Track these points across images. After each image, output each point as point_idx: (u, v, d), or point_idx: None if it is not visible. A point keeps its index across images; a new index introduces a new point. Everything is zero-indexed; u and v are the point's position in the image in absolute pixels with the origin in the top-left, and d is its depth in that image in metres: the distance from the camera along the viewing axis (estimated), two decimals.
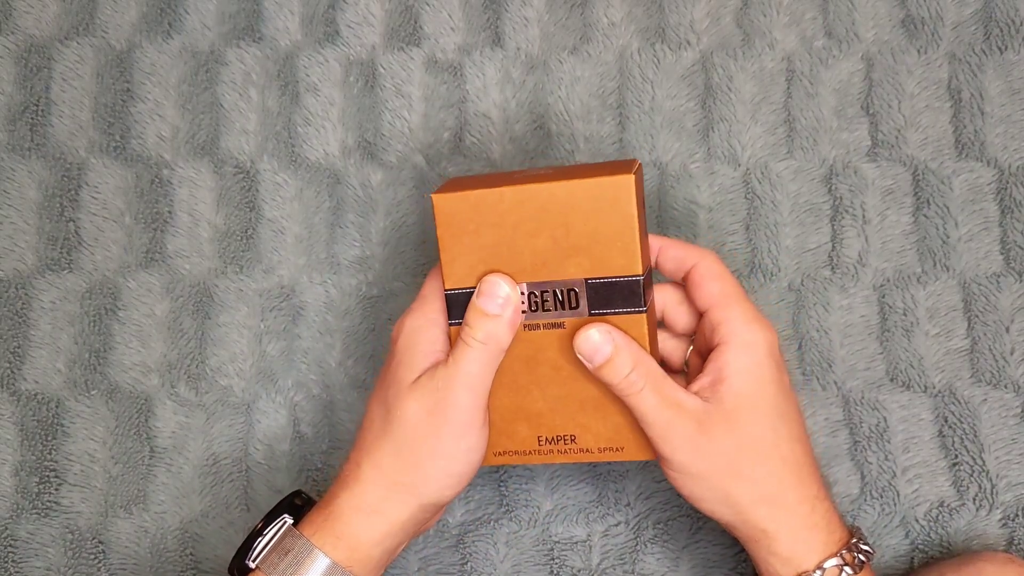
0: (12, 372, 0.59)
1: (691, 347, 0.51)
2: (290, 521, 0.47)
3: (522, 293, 0.46)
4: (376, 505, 0.46)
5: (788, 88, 0.61)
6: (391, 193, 0.61)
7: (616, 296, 0.46)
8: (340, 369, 0.59)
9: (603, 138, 0.61)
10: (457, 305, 0.47)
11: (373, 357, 0.59)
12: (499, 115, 0.61)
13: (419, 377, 0.47)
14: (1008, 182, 0.60)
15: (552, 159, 0.61)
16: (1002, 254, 0.59)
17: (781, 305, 0.59)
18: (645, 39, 0.62)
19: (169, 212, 0.61)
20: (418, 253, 0.60)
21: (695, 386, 0.47)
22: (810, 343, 0.59)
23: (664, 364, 0.51)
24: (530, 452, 0.49)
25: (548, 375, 0.47)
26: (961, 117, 0.61)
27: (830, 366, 0.58)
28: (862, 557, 0.46)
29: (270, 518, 0.48)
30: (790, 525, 0.45)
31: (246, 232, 0.61)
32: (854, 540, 0.46)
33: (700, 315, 0.49)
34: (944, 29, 0.61)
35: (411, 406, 0.46)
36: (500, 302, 0.46)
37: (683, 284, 0.49)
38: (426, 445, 0.46)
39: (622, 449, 0.48)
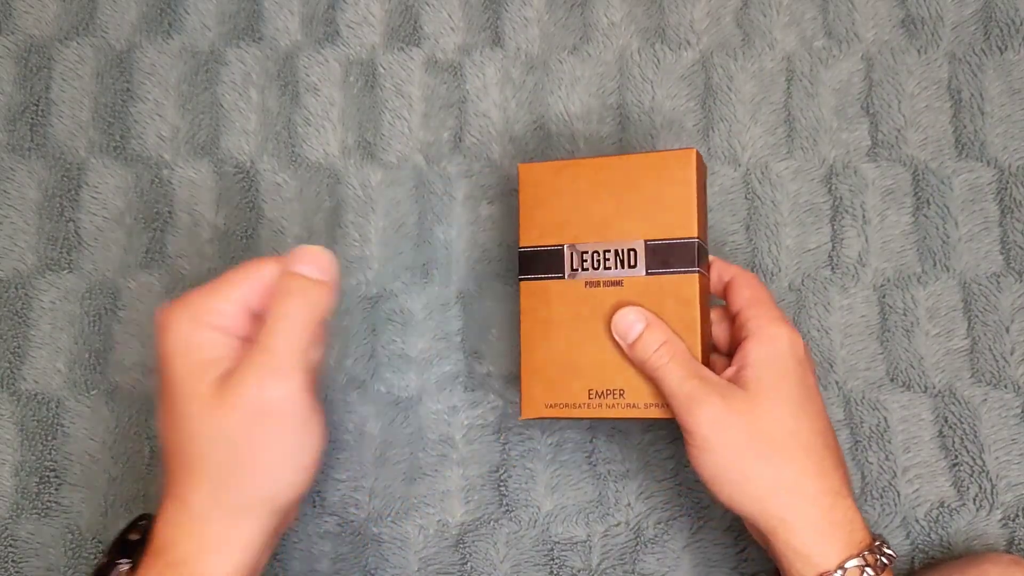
0: (12, 372, 0.59)
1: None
2: (126, 567, 0.43)
3: (586, 252, 0.51)
4: (223, 537, 0.41)
5: (788, 88, 0.61)
6: (391, 193, 0.61)
7: (672, 256, 0.50)
8: (339, 369, 0.59)
9: (603, 138, 0.61)
10: (530, 261, 0.52)
11: (373, 357, 0.59)
12: (499, 115, 0.61)
13: (221, 381, 0.41)
14: (1008, 182, 0.60)
15: (552, 159, 0.61)
16: (1002, 254, 0.59)
17: (781, 305, 0.59)
18: (645, 39, 0.62)
19: (169, 212, 0.61)
20: (418, 253, 0.60)
21: (722, 376, 0.48)
22: (811, 343, 0.59)
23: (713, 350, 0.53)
24: (580, 405, 0.51)
25: (603, 331, 0.50)
26: (961, 117, 0.61)
27: (831, 366, 0.58)
28: (884, 560, 0.45)
29: (108, 561, 0.43)
30: (809, 517, 0.45)
31: (246, 232, 0.61)
32: (877, 543, 0.45)
33: (734, 316, 0.50)
34: (944, 29, 0.61)
35: (225, 422, 0.40)
36: (322, 265, 0.43)
37: (723, 296, 0.51)
38: (260, 457, 0.41)
39: (666, 405, 0.50)
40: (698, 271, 0.49)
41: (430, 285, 0.60)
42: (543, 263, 0.52)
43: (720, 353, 0.52)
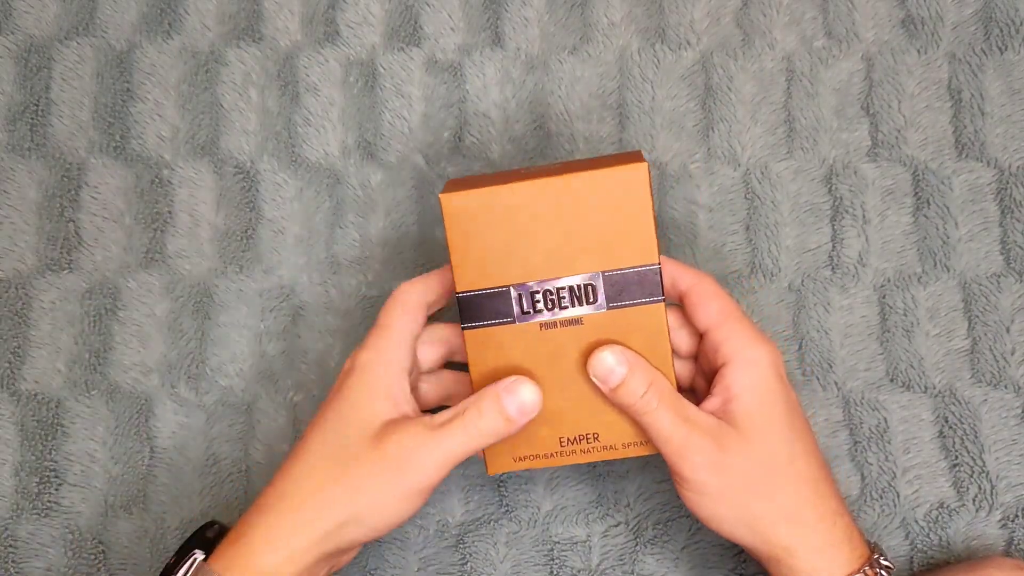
0: (12, 372, 0.59)
1: (695, 369, 0.51)
2: (201, 556, 0.46)
3: (536, 292, 0.46)
4: (292, 541, 0.44)
5: (788, 88, 0.61)
6: (391, 193, 0.61)
7: (635, 287, 0.45)
8: (340, 369, 0.59)
9: (603, 138, 0.61)
10: (470, 308, 0.46)
11: None
12: (499, 115, 0.61)
13: (386, 427, 0.45)
14: (1008, 182, 0.60)
15: (552, 159, 0.61)
16: (1002, 254, 0.59)
17: (781, 305, 0.59)
18: (645, 39, 0.62)
19: (169, 212, 0.61)
20: (418, 253, 0.60)
21: (705, 408, 0.46)
22: (810, 343, 0.59)
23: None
24: (552, 454, 0.48)
25: (568, 373, 0.47)
26: (961, 117, 0.61)
27: (830, 366, 0.58)
28: (884, 573, 0.45)
29: (182, 553, 0.47)
30: (811, 542, 0.45)
31: (246, 232, 0.61)
32: (876, 556, 0.46)
33: (700, 336, 0.48)
34: (944, 29, 0.61)
35: (372, 454, 0.44)
36: (522, 408, 0.45)
37: (680, 305, 0.49)
38: (368, 495, 0.44)
39: (646, 443, 0.48)
40: (663, 300, 0.46)
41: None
42: (487, 308, 0.46)
43: (679, 357, 0.51)
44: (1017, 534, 0.56)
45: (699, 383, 0.51)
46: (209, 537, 0.48)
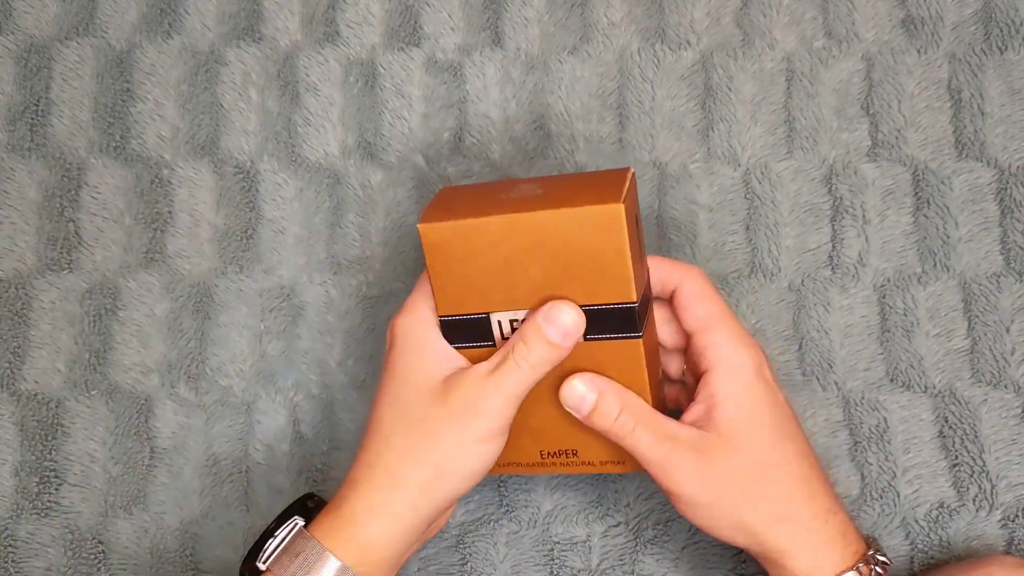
0: (12, 372, 0.59)
1: (684, 363, 0.51)
2: (301, 523, 0.47)
3: (515, 320, 0.46)
4: (388, 506, 0.46)
5: (788, 88, 0.61)
6: (391, 193, 0.61)
7: (612, 322, 0.45)
8: (340, 369, 0.59)
9: (603, 138, 0.61)
10: (454, 331, 0.47)
11: (373, 357, 0.59)
12: (499, 115, 0.61)
13: (445, 382, 0.46)
14: (1008, 182, 0.60)
15: (552, 159, 0.61)
16: (1002, 254, 0.59)
17: (781, 305, 0.59)
18: (645, 39, 0.62)
19: (169, 212, 0.61)
20: (418, 253, 0.60)
21: (689, 416, 0.47)
22: (810, 343, 0.59)
23: (665, 379, 0.52)
24: (533, 464, 0.50)
25: (547, 393, 0.47)
26: (961, 117, 0.61)
27: (830, 366, 0.58)
28: (879, 569, 0.45)
29: (281, 519, 0.48)
30: (806, 541, 0.45)
31: (246, 232, 0.61)
32: (871, 552, 0.46)
33: (688, 336, 0.49)
34: (944, 29, 0.61)
35: (436, 411, 0.45)
36: (564, 331, 0.45)
37: (669, 302, 0.49)
38: (446, 446, 0.45)
39: (623, 462, 0.49)
40: (641, 336, 0.45)
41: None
42: (470, 332, 0.47)
43: (666, 349, 0.51)
44: (1017, 534, 0.56)
45: (689, 379, 0.51)
46: (309, 507, 0.49)
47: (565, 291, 0.45)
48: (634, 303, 0.44)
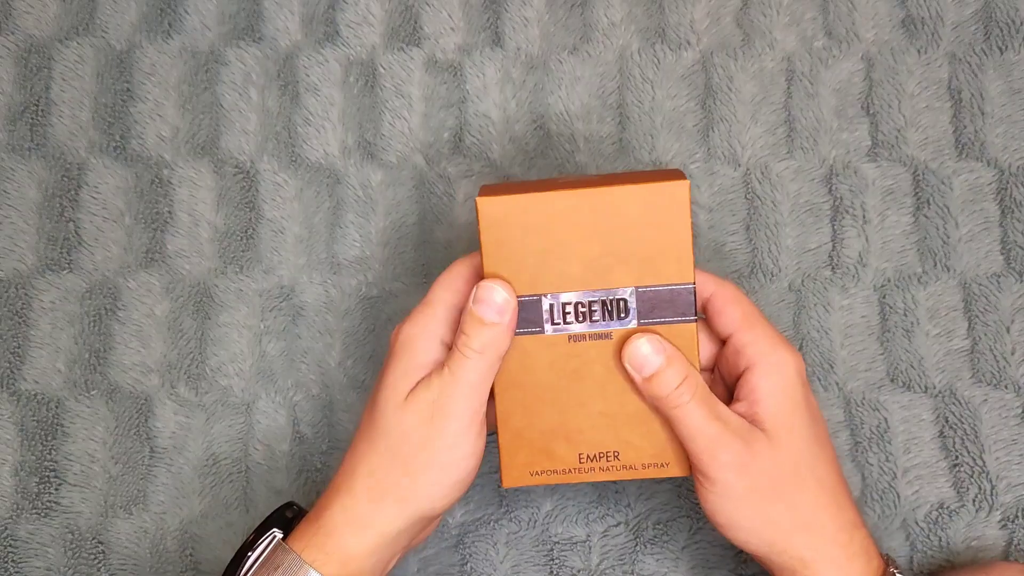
0: (12, 372, 0.59)
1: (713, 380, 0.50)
2: (279, 535, 0.47)
3: (568, 303, 0.45)
4: (367, 517, 0.45)
5: (788, 88, 0.61)
6: (391, 193, 0.61)
7: (667, 305, 0.45)
8: (340, 369, 0.59)
9: (603, 138, 0.61)
10: None
11: (373, 357, 0.59)
12: (499, 115, 0.61)
13: (415, 387, 0.46)
14: (1008, 182, 0.60)
15: (552, 159, 0.61)
16: (1002, 254, 0.59)
17: (781, 305, 0.59)
18: (645, 39, 0.62)
19: (169, 212, 0.61)
20: (418, 253, 0.60)
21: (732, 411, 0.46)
22: (811, 343, 0.59)
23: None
24: (570, 471, 0.47)
25: (592, 389, 0.46)
26: (961, 117, 0.61)
27: (831, 367, 0.58)
28: None
29: (260, 531, 0.47)
30: (829, 554, 0.44)
31: (246, 232, 0.61)
32: (891, 569, 0.45)
33: (722, 343, 0.48)
34: (944, 29, 0.61)
35: (406, 417, 0.45)
36: (497, 308, 0.44)
37: (704, 311, 0.49)
38: (421, 455, 0.45)
39: (667, 465, 0.47)
40: (696, 319, 0.45)
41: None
42: (518, 316, 0.45)
43: (703, 370, 0.50)
44: (1017, 535, 0.56)
45: (719, 393, 0.49)
46: (288, 517, 0.49)
47: (622, 271, 0.44)
48: (692, 283, 0.44)
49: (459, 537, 0.57)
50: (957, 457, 0.57)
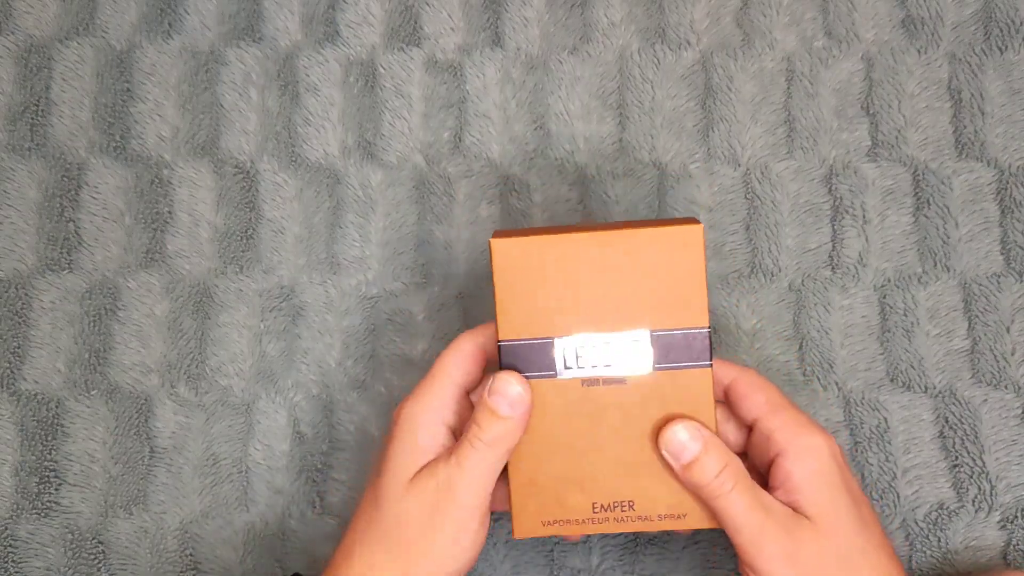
0: (12, 372, 0.59)
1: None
2: None
3: (582, 346, 0.45)
4: None
5: (788, 88, 0.61)
6: (391, 193, 0.61)
7: (682, 349, 0.44)
8: (340, 369, 0.59)
9: (603, 138, 0.61)
10: (512, 357, 0.45)
11: (373, 357, 0.59)
12: (499, 115, 0.61)
13: (418, 472, 0.45)
14: (1008, 182, 0.60)
15: (552, 159, 0.61)
16: (1002, 254, 0.59)
17: (781, 305, 0.59)
18: (645, 39, 0.62)
19: (169, 212, 0.61)
20: (418, 253, 0.60)
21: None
22: (811, 343, 0.59)
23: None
24: (583, 521, 0.46)
25: (607, 436, 0.45)
26: (961, 117, 0.61)
27: (831, 366, 0.58)
28: None
29: None
30: None
31: (246, 232, 0.61)
32: None
33: (749, 429, 0.47)
34: (944, 29, 0.61)
35: (408, 504, 0.44)
36: (511, 401, 0.44)
37: (723, 401, 0.48)
38: (421, 544, 0.44)
39: (684, 516, 0.46)
40: (711, 365, 0.44)
41: (430, 286, 0.60)
42: (530, 359, 0.45)
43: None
44: (1016, 535, 0.56)
45: (754, 479, 0.47)
46: None
47: (636, 314, 0.44)
48: (707, 328, 0.44)
49: None
50: (957, 457, 0.57)
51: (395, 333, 0.59)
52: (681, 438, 0.44)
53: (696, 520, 0.45)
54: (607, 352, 0.45)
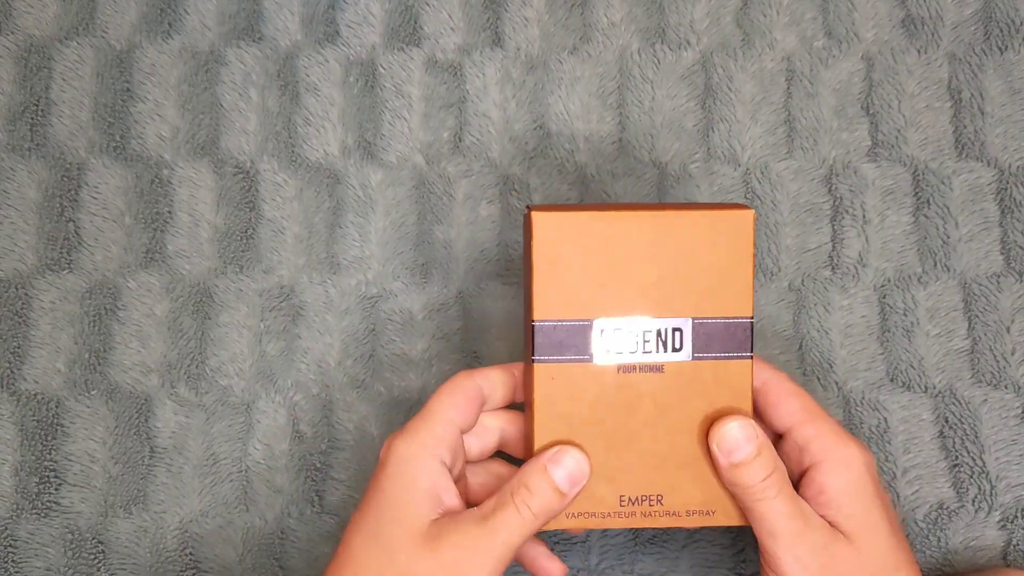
0: (12, 372, 0.59)
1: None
2: None
3: (620, 329, 0.43)
4: None
5: (788, 88, 0.61)
6: (391, 193, 0.61)
7: (723, 339, 0.43)
8: (340, 369, 0.59)
9: (603, 138, 0.61)
10: (546, 339, 0.43)
11: (372, 357, 0.59)
12: (499, 115, 0.61)
13: (433, 527, 0.41)
14: (1008, 182, 0.60)
15: (552, 159, 0.61)
16: (1002, 254, 0.59)
17: (781, 305, 0.59)
18: (645, 39, 0.62)
19: (169, 212, 0.61)
20: (418, 253, 0.60)
21: None
22: (811, 343, 0.59)
23: None
24: (609, 514, 0.44)
25: (640, 426, 0.43)
26: (961, 117, 0.60)
27: (831, 366, 0.58)
28: None
29: None
30: None
31: (246, 232, 0.61)
32: None
33: (778, 435, 0.46)
34: (944, 29, 0.61)
35: (425, 562, 0.41)
36: (572, 479, 0.42)
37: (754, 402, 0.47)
38: None
39: (713, 513, 0.44)
40: (752, 356, 0.43)
41: (430, 285, 0.60)
42: (565, 342, 0.42)
43: None
44: (1016, 535, 0.56)
45: None
46: None
47: (679, 300, 0.43)
48: (751, 318, 0.43)
49: None
50: (957, 457, 0.57)
51: (395, 333, 0.59)
52: (737, 435, 0.42)
53: (725, 518, 0.44)
54: (647, 338, 0.43)
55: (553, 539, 0.57)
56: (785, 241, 0.60)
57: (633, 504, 0.44)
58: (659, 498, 0.44)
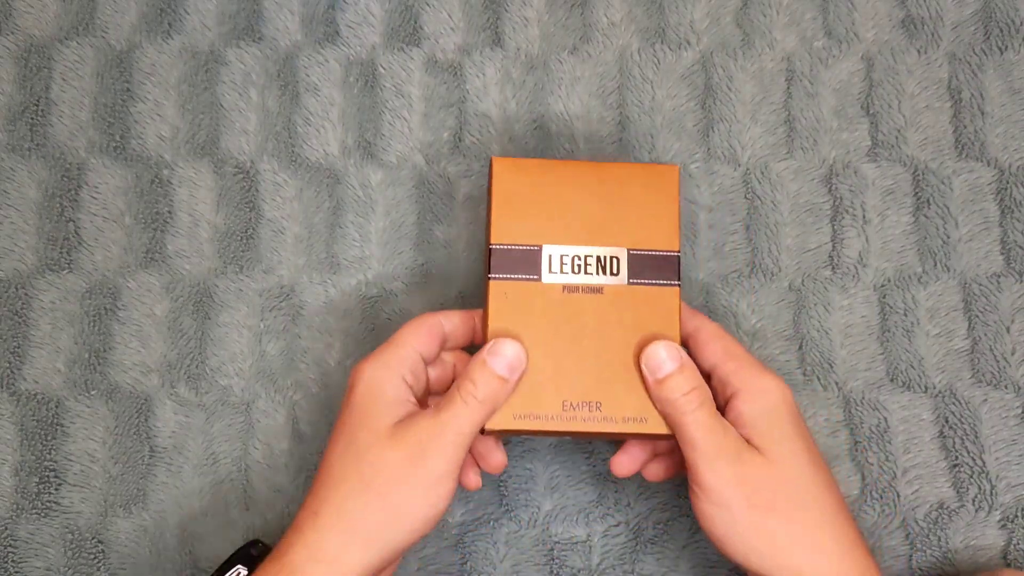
0: (12, 372, 0.59)
1: None
2: (244, 572, 0.47)
3: (565, 255, 0.49)
4: (334, 554, 0.45)
5: (788, 88, 0.61)
6: (391, 193, 0.61)
7: (655, 269, 0.49)
8: (339, 369, 0.59)
9: (603, 138, 0.61)
10: (501, 260, 0.49)
11: None
12: (499, 115, 0.61)
13: (397, 424, 0.46)
14: (1008, 182, 0.60)
15: (552, 159, 0.61)
16: (1002, 254, 0.59)
17: (781, 305, 0.59)
18: (645, 39, 0.62)
19: (169, 212, 0.61)
20: (418, 253, 0.60)
21: None
22: (811, 343, 0.59)
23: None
24: (552, 417, 0.48)
25: (582, 340, 0.48)
26: (961, 117, 0.61)
27: (831, 366, 0.58)
28: None
29: (224, 568, 0.48)
30: (826, 571, 0.45)
31: (246, 232, 0.61)
32: None
33: (707, 376, 0.49)
34: (944, 29, 0.61)
35: (388, 453, 0.45)
36: (509, 364, 0.47)
37: (685, 347, 0.50)
38: (400, 492, 0.45)
39: (645, 420, 0.48)
40: (679, 284, 0.49)
41: (430, 285, 0.60)
42: (517, 263, 0.49)
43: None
44: (1016, 535, 0.56)
45: None
46: (253, 555, 0.49)
47: (617, 234, 0.49)
48: (677, 252, 0.49)
49: (459, 536, 0.57)
50: (957, 457, 0.57)
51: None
52: (662, 354, 0.47)
53: (656, 426, 0.48)
54: (588, 263, 0.49)
55: (555, 539, 0.57)
56: (785, 241, 0.60)
57: (574, 409, 0.48)
58: (598, 404, 0.48)
